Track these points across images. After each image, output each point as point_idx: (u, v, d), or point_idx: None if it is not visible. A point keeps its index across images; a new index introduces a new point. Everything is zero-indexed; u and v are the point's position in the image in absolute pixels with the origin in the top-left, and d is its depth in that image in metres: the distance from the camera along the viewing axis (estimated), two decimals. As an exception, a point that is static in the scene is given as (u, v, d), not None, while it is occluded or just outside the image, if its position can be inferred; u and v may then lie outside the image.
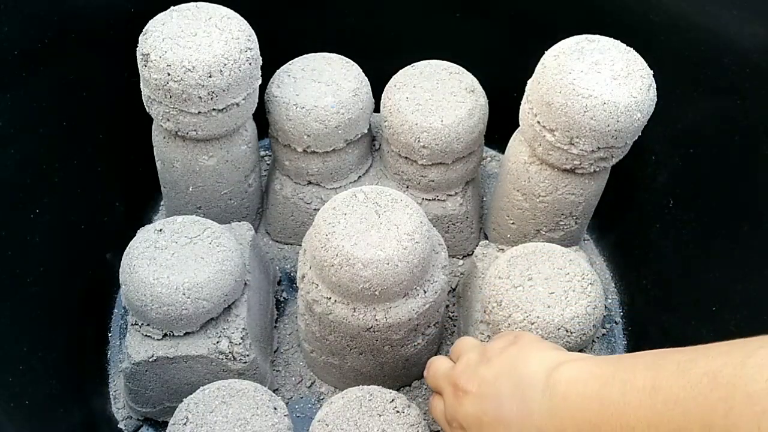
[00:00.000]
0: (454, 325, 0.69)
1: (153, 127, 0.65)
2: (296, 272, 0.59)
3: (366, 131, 0.69)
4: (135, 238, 0.59)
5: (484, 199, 0.78)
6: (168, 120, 0.59)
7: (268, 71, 0.64)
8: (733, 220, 0.61)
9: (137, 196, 0.76)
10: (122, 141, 0.70)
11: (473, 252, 0.66)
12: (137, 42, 0.58)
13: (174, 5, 0.60)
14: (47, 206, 0.63)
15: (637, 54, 0.57)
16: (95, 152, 0.69)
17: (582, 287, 0.57)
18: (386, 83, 0.68)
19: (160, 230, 0.58)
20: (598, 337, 0.63)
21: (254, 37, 0.60)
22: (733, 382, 0.32)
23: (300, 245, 0.63)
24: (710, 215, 0.64)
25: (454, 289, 0.72)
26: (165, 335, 0.58)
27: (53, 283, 0.63)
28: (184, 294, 0.55)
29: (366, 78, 0.68)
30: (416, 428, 0.52)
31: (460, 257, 0.75)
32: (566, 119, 0.56)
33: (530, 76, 0.60)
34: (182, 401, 0.53)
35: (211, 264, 0.56)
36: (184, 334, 0.57)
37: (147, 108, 0.61)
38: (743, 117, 0.60)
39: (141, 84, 0.60)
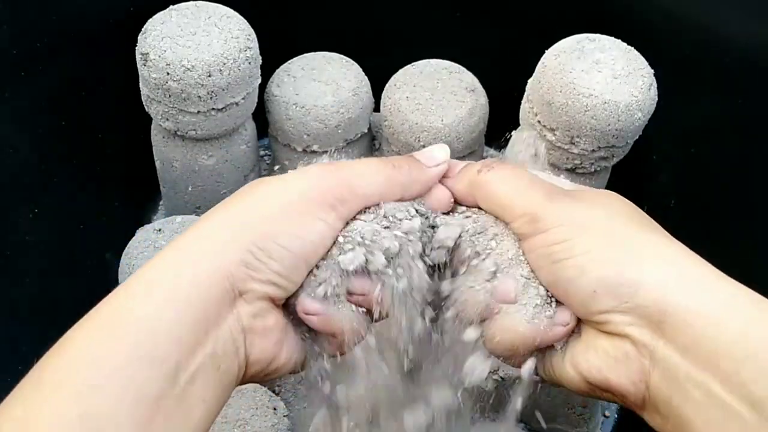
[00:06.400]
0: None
1: (152, 126, 0.65)
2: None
3: (366, 131, 0.68)
4: (134, 238, 0.58)
5: (485, 199, 0.78)
6: (167, 119, 0.59)
7: (267, 70, 0.64)
8: (734, 219, 0.61)
9: (136, 196, 0.75)
10: (121, 141, 0.70)
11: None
12: (136, 41, 0.58)
13: (173, 4, 0.60)
14: (47, 206, 0.63)
15: (638, 53, 0.57)
16: (95, 152, 0.69)
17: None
18: (386, 83, 0.67)
19: (160, 230, 0.58)
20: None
21: (254, 36, 0.59)
22: None
23: (300, 245, 0.63)
24: (712, 215, 0.63)
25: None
26: (164, 335, 0.57)
27: (52, 283, 0.63)
28: (183, 294, 0.54)
29: (366, 77, 0.68)
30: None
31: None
32: (567, 118, 0.55)
33: (530, 76, 0.60)
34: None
35: (211, 264, 0.56)
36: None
37: (146, 107, 0.61)
38: (744, 116, 0.60)
39: (140, 83, 0.60)
